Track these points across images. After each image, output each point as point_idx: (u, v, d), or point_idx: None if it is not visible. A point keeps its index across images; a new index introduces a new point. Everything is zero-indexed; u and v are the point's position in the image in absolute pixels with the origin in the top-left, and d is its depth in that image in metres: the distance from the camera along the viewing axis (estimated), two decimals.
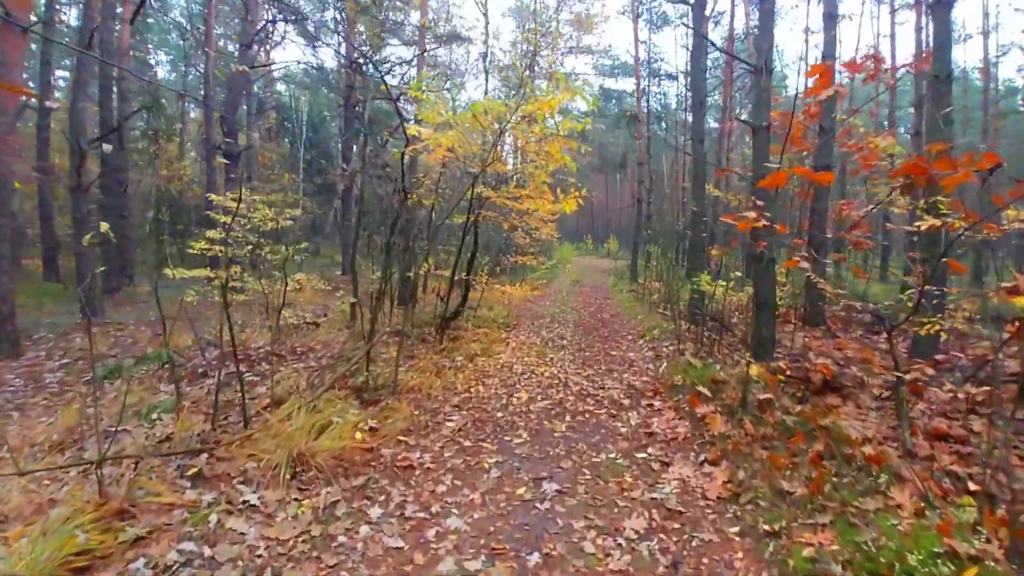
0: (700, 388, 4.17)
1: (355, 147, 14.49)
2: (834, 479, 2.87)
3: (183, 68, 26.05)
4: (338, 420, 3.40)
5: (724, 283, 6.02)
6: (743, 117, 5.35)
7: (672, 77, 21.64)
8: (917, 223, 3.86)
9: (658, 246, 14.79)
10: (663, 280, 11.08)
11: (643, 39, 19.60)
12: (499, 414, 4.01)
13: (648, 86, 19.93)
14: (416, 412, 3.89)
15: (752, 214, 2.82)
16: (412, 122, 6.00)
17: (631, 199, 25.62)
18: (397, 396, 4.14)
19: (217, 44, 22.67)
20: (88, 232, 9.81)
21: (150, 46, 27.41)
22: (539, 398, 4.46)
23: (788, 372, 4.86)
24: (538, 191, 5.61)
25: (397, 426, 3.55)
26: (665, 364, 5.38)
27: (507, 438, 3.56)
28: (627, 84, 25.56)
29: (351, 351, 5.01)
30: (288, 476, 2.97)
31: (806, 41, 24.64)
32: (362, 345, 5.45)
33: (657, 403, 4.31)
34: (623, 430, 3.74)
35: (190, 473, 3.07)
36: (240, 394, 3.51)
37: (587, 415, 4.05)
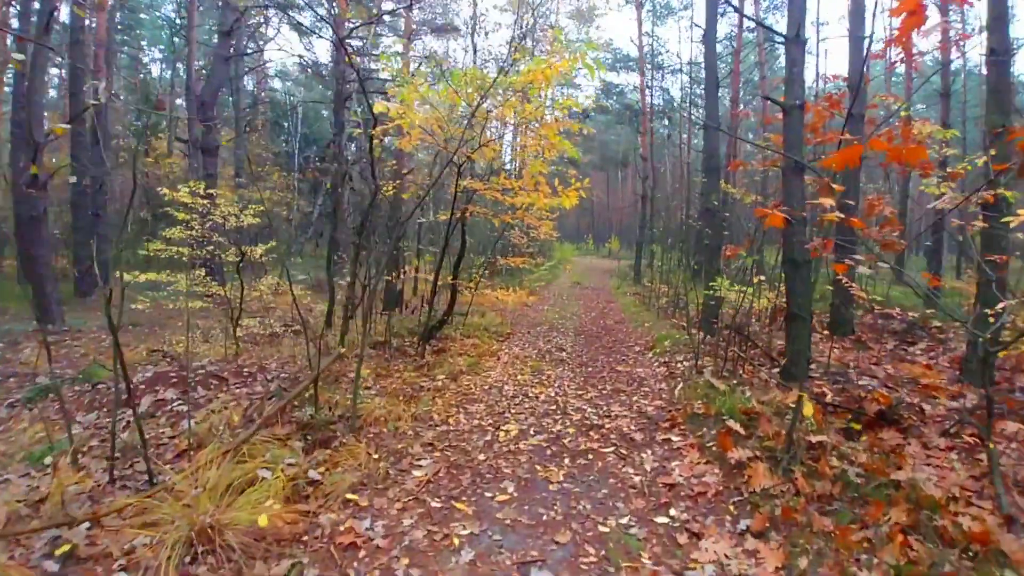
0: (729, 422, 3.38)
1: (343, 142, 13.71)
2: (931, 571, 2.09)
3: (177, 65, 25.30)
4: (266, 475, 2.61)
5: (747, 288, 5.23)
6: (772, 96, 4.61)
7: (677, 71, 20.82)
8: (1007, 217, 3.09)
9: (663, 246, 14.00)
10: (670, 283, 10.29)
11: (646, 31, 18.80)
12: (481, 456, 3.22)
13: (652, 79, 19.13)
14: (376, 456, 3.10)
15: (828, 200, 2.03)
16: (394, 102, 5.17)
17: (633, 197, 24.82)
18: (355, 432, 3.35)
19: (213, 39, 21.91)
20: (43, 231, 9.07)
21: (143, 43, 26.69)
22: (532, 431, 3.68)
23: (829, 397, 4.09)
24: (533, 182, 4.82)
25: (346, 479, 2.77)
26: (681, 385, 4.59)
27: (488, 494, 2.77)
28: (629, 79, 24.72)
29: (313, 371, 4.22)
30: (187, 559, 2.20)
31: (818, 32, 23.67)
32: (329, 362, 4.68)
33: (676, 438, 3.52)
34: (636, 479, 2.96)
35: (60, 552, 2.30)
36: (140, 441, 2.72)
37: (591, 456, 3.27)
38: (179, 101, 25.66)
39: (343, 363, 4.81)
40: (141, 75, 26.09)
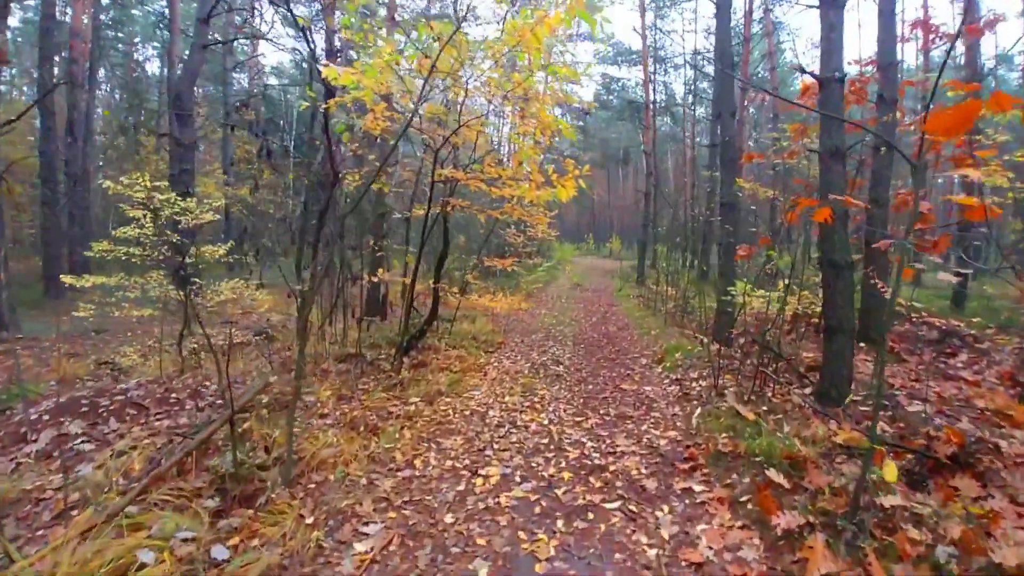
0: (769, 471, 2.66)
1: (332, 140, 12.98)
2: None
3: (172, 62, 24.66)
4: (146, 558, 1.91)
5: (773, 293, 4.52)
6: (808, 69, 3.91)
7: (680, 66, 20.11)
8: None
9: (668, 246, 13.28)
10: (677, 285, 9.58)
11: (649, 24, 18.08)
12: (448, 517, 2.50)
13: (655, 73, 18.42)
14: (309, 520, 2.39)
15: (973, 171, 1.32)
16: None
17: (634, 195, 24.11)
18: (291, 482, 2.64)
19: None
20: None
21: (136, 40, 26.09)
22: (517, 476, 2.96)
23: (879, 429, 3.37)
24: (522, 170, 4.10)
25: (262, 560, 2.05)
26: (699, 411, 3.87)
27: None
28: (631, 73, 24.01)
29: (258, 395, 3.50)
30: None
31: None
32: (289, 379, 3.98)
33: (698, 487, 2.80)
34: (651, 553, 2.24)
35: None
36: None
37: (591, 515, 2.55)
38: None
39: (302, 382, 4.10)
40: (135, 73, 25.45)
